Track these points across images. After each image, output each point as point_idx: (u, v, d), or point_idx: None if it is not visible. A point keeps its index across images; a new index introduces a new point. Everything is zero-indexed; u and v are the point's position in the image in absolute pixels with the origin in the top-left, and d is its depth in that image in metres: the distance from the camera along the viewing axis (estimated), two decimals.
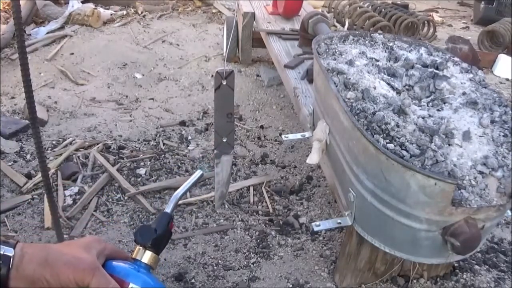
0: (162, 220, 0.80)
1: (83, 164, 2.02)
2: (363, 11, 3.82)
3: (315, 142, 1.43)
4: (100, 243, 0.74)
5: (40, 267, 0.65)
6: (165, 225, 0.80)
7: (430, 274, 1.46)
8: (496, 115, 1.21)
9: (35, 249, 0.68)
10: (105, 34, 3.57)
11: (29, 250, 0.67)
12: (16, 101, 2.56)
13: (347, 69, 1.33)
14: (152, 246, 0.77)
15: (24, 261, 0.65)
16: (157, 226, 0.79)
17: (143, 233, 0.77)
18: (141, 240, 0.77)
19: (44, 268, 0.65)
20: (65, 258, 0.67)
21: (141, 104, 2.65)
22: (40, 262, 0.66)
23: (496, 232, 1.73)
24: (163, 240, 0.80)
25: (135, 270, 0.74)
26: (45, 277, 0.65)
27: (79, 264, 0.67)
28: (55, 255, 0.68)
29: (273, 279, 1.48)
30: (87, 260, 0.68)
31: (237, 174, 2.04)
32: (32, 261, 0.66)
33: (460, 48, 3.26)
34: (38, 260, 0.66)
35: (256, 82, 2.97)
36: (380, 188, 1.09)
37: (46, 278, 0.65)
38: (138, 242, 0.77)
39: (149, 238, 0.76)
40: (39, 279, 0.65)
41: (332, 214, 1.81)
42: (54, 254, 0.68)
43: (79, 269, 0.66)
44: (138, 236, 0.77)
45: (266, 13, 2.95)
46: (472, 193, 1.03)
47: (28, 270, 0.65)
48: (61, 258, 0.67)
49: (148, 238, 0.76)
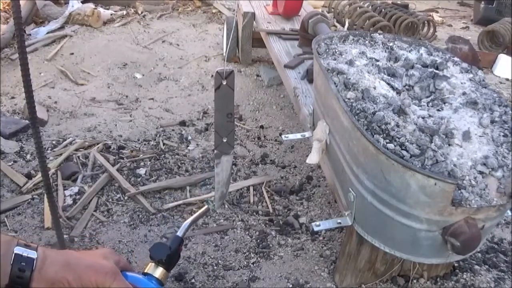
0: (174, 241, 0.85)
1: (83, 164, 2.02)
2: (363, 11, 3.82)
3: (315, 142, 1.43)
4: (115, 255, 0.78)
5: (62, 270, 0.68)
6: (177, 246, 0.85)
7: (430, 274, 1.46)
8: (496, 115, 1.21)
9: (56, 253, 0.71)
10: (105, 34, 3.57)
11: (51, 254, 0.70)
12: (16, 101, 2.56)
13: (347, 69, 1.33)
14: (165, 262, 0.81)
15: (46, 263, 0.68)
16: (170, 244, 0.84)
17: (159, 249, 0.82)
18: (156, 256, 0.81)
19: (67, 271, 0.68)
20: (87, 262, 0.71)
21: (141, 104, 2.65)
22: (63, 265, 0.69)
23: (496, 232, 1.73)
24: (174, 259, 0.84)
25: (148, 281, 0.79)
26: (67, 279, 0.68)
27: (101, 268, 0.70)
28: (76, 259, 0.71)
29: (273, 279, 1.48)
30: (108, 265, 0.72)
31: (237, 174, 2.04)
32: (54, 264, 0.68)
33: (460, 48, 3.26)
34: (60, 263, 0.69)
35: (256, 82, 2.97)
36: (380, 188, 1.09)
37: (68, 280, 0.68)
38: (154, 257, 0.81)
39: (164, 254, 0.81)
40: (60, 281, 0.67)
41: (332, 214, 1.81)
42: (75, 258, 0.71)
43: (101, 272, 0.70)
44: (154, 252, 0.81)
45: (266, 13, 2.95)
46: (472, 193, 1.03)
47: (50, 272, 0.67)
48: (83, 262, 0.71)
49: (163, 254, 0.81)
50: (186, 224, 0.91)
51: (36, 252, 0.68)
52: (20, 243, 0.68)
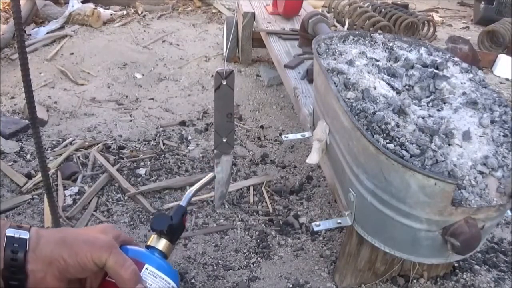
0: (177, 212, 0.81)
1: (83, 164, 2.02)
2: (363, 11, 3.82)
3: (315, 142, 1.43)
4: (115, 230, 0.74)
5: (57, 247, 0.65)
6: (180, 216, 0.81)
7: (430, 274, 1.46)
8: (496, 115, 1.21)
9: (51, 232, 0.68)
10: (105, 34, 3.57)
11: (45, 233, 0.67)
12: (16, 101, 2.56)
13: (347, 69, 1.33)
14: (168, 233, 0.77)
15: (41, 242, 0.65)
16: (173, 215, 0.80)
17: (160, 220, 0.78)
18: (157, 226, 0.77)
19: (62, 248, 0.65)
20: (83, 238, 0.68)
21: (141, 104, 2.65)
22: (58, 242, 0.66)
23: (496, 232, 1.73)
24: (177, 230, 0.80)
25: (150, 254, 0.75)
26: (62, 256, 0.65)
27: (97, 242, 0.67)
28: (73, 235, 0.68)
29: (273, 279, 1.48)
30: (105, 239, 0.69)
31: (237, 174, 2.04)
32: (49, 242, 0.66)
33: (460, 48, 3.26)
34: (55, 241, 0.66)
35: (256, 82, 2.97)
36: (380, 188, 1.09)
37: (64, 258, 0.65)
38: (154, 228, 0.77)
39: (165, 225, 0.77)
40: (56, 259, 0.65)
41: (332, 214, 1.81)
42: (72, 235, 0.68)
43: (96, 246, 0.67)
44: (155, 223, 0.77)
45: (266, 13, 2.95)
46: (472, 193, 1.03)
47: (45, 251, 0.65)
48: (79, 237, 0.68)
49: (164, 224, 0.77)
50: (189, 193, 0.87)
51: (28, 233, 0.65)
52: (12, 226, 0.65)
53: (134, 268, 0.69)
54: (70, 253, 0.65)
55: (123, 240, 0.75)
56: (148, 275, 0.72)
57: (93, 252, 0.66)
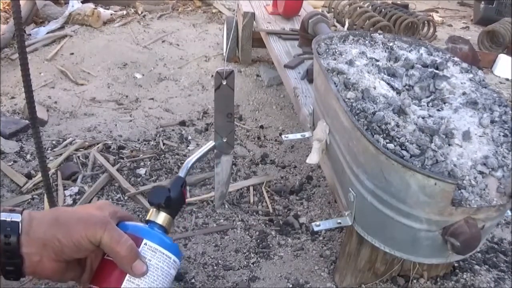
0: (175, 183, 0.78)
1: (83, 164, 2.02)
2: (363, 11, 3.82)
3: (315, 142, 1.43)
4: (112, 206, 0.72)
5: (51, 228, 0.63)
6: (179, 187, 0.78)
7: (430, 274, 1.46)
8: (496, 115, 1.21)
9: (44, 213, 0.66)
10: (105, 34, 3.57)
11: (38, 215, 0.65)
12: (16, 101, 2.56)
13: (347, 69, 1.33)
14: (166, 206, 0.75)
15: (33, 224, 0.63)
16: (171, 187, 0.77)
17: (157, 193, 0.75)
18: (155, 199, 0.75)
19: (56, 228, 0.63)
20: (76, 216, 0.65)
21: (141, 104, 2.65)
22: (51, 223, 0.64)
23: (496, 232, 1.73)
24: (177, 203, 0.77)
25: (149, 229, 0.73)
26: (56, 237, 0.63)
27: (90, 219, 0.65)
28: (66, 214, 0.66)
29: (273, 279, 1.48)
30: (99, 215, 0.67)
31: (237, 174, 2.04)
32: (42, 223, 0.63)
33: (460, 48, 3.26)
34: (48, 221, 0.64)
35: (256, 82, 2.97)
36: (380, 188, 1.09)
37: (58, 238, 0.63)
38: (152, 202, 0.75)
39: (162, 197, 0.74)
40: (51, 240, 0.63)
41: (332, 214, 1.81)
42: (65, 214, 0.66)
43: (90, 224, 0.64)
44: (152, 196, 0.75)
45: (266, 13, 2.95)
46: (472, 193, 1.03)
47: (38, 232, 0.63)
48: (72, 216, 0.65)
49: (161, 197, 0.74)
50: (188, 163, 0.83)
51: (20, 215, 0.63)
52: (5, 210, 0.64)
53: (130, 244, 0.66)
54: (64, 233, 0.63)
55: (121, 216, 0.72)
56: (147, 250, 0.69)
57: (87, 230, 0.64)
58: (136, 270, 0.66)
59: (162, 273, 0.70)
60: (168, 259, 0.71)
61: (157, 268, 0.70)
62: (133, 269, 0.66)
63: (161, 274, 0.70)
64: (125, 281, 0.68)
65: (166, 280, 0.72)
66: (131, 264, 0.66)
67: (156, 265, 0.69)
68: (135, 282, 0.68)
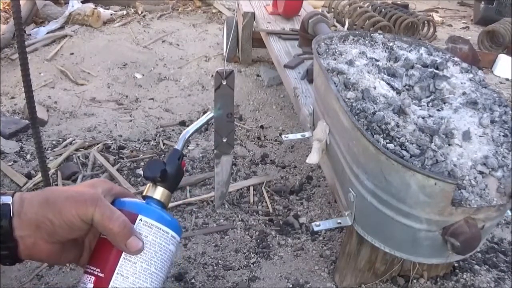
0: (172, 156, 0.76)
1: (83, 164, 2.02)
2: (363, 11, 3.82)
3: (315, 142, 1.43)
4: (107, 183, 0.69)
5: (41, 208, 0.61)
6: (176, 160, 0.76)
7: (430, 274, 1.46)
8: (496, 115, 1.21)
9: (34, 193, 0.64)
10: (105, 34, 3.57)
11: (28, 195, 0.62)
12: (16, 101, 2.56)
13: (347, 69, 1.33)
14: (162, 180, 0.72)
15: (24, 206, 0.61)
16: (167, 160, 0.75)
17: (152, 166, 0.72)
18: (149, 173, 0.71)
19: (46, 208, 0.61)
20: (66, 195, 0.63)
21: (141, 104, 2.65)
22: (41, 203, 0.61)
23: (496, 232, 1.73)
24: (175, 177, 0.75)
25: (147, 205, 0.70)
26: (47, 217, 0.60)
27: (81, 196, 0.62)
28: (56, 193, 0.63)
29: (273, 279, 1.48)
30: (90, 192, 0.64)
31: (237, 174, 2.04)
32: (33, 204, 0.61)
33: (460, 48, 3.26)
34: (39, 202, 0.61)
35: (256, 82, 2.97)
36: (380, 188, 1.09)
37: (49, 218, 0.60)
38: (147, 176, 0.72)
39: (157, 170, 0.71)
40: (42, 221, 0.60)
41: (332, 214, 1.81)
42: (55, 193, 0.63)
43: (80, 201, 0.62)
44: (147, 170, 0.72)
45: (266, 13, 2.95)
46: (472, 193, 1.03)
47: (30, 213, 0.60)
48: (63, 195, 0.63)
49: (156, 170, 0.71)
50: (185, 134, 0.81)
51: (11, 198, 0.61)
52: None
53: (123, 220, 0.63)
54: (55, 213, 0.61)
55: (116, 193, 0.69)
56: (142, 226, 0.67)
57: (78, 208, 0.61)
58: (131, 247, 0.63)
59: (160, 249, 0.68)
60: (166, 234, 0.68)
61: (154, 244, 0.67)
62: (128, 246, 0.63)
63: (159, 250, 0.67)
64: (121, 259, 0.65)
65: (165, 256, 0.69)
66: (126, 241, 0.63)
67: (153, 241, 0.67)
68: (131, 260, 0.65)
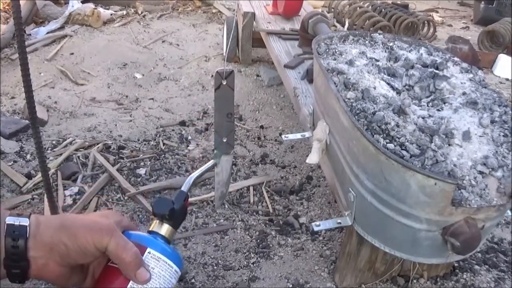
0: (179, 196, 0.81)
1: (83, 164, 2.02)
2: (363, 11, 3.82)
3: (315, 142, 1.43)
4: (117, 215, 0.74)
5: (57, 232, 0.65)
6: (182, 201, 0.80)
7: (430, 274, 1.46)
8: (496, 115, 1.21)
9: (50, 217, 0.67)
10: (105, 34, 3.57)
11: (44, 219, 0.66)
12: (16, 101, 2.56)
13: (347, 69, 1.33)
14: (169, 218, 0.76)
15: (41, 228, 0.64)
16: (175, 200, 0.80)
17: (161, 204, 0.77)
18: (159, 210, 0.76)
19: (62, 232, 0.65)
20: (82, 222, 0.67)
21: (141, 104, 2.65)
22: (57, 227, 0.65)
23: (496, 232, 1.73)
24: (180, 215, 0.80)
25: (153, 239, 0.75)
26: (63, 241, 0.64)
27: (97, 226, 0.66)
28: (72, 220, 0.67)
29: (273, 279, 1.48)
30: (105, 222, 0.68)
31: (237, 174, 2.04)
32: (49, 228, 0.65)
33: (460, 48, 3.26)
34: (55, 226, 0.65)
35: (256, 82, 2.97)
36: (380, 188, 1.09)
37: (64, 242, 0.64)
38: (156, 213, 0.77)
39: (166, 209, 0.76)
40: (57, 244, 0.64)
41: (332, 214, 1.81)
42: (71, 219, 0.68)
43: (96, 229, 0.66)
44: (156, 207, 0.77)
45: (266, 13, 2.95)
46: (472, 193, 1.03)
47: (45, 236, 0.64)
48: (78, 222, 0.67)
49: (165, 209, 0.76)
50: (191, 178, 0.86)
51: (28, 220, 0.64)
52: (12, 214, 0.65)
53: (135, 251, 0.68)
54: (70, 238, 0.64)
55: (125, 225, 0.74)
56: (150, 259, 0.71)
57: (94, 235, 0.65)
58: (140, 277, 0.68)
59: (164, 282, 0.72)
60: (170, 268, 0.73)
61: (159, 276, 0.71)
62: (137, 276, 0.68)
63: (163, 282, 0.72)
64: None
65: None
66: (136, 271, 0.67)
67: (159, 274, 0.71)
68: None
